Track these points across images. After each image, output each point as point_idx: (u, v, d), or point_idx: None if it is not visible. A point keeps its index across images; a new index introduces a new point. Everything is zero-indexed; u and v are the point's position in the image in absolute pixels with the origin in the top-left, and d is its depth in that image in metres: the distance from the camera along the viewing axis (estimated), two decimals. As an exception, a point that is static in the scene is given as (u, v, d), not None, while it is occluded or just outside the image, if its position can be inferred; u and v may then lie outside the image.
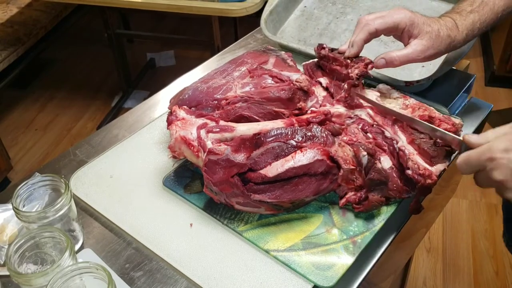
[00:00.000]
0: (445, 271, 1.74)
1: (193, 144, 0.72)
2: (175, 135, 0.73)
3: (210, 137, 0.72)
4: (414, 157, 0.71)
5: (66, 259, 0.59)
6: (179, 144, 0.73)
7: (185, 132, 0.73)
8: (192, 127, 0.74)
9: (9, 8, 2.29)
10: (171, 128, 0.75)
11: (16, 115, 2.49)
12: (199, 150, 0.71)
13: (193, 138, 0.72)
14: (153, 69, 2.76)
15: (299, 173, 0.69)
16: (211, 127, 0.73)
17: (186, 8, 1.70)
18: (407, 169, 0.70)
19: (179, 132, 0.73)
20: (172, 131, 0.74)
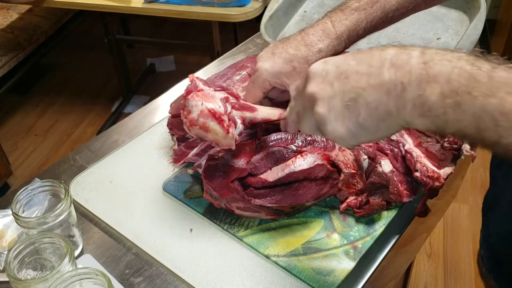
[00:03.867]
0: (446, 276, 1.73)
1: (224, 119, 0.63)
2: (201, 107, 0.63)
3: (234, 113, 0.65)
4: (422, 159, 0.71)
5: (66, 265, 0.59)
6: (205, 118, 0.64)
7: (213, 105, 0.64)
8: (215, 99, 0.65)
9: (10, 14, 2.29)
10: (192, 98, 0.65)
11: (16, 121, 2.49)
12: (230, 125, 0.64)
13: (222, 111, 0.64)
14: (153, 74, 2.76)
15: (300, 178, 0.69)
16: (233, 103, 0.66)
17: (186, 13, 1.71)
18: (415, 171, 0.70)
19: (205, 104, 0.64)
20: (195, 102, 0.64)
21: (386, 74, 0.46)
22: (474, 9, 1.04)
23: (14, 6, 2.32)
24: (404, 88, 0.45)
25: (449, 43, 1.03)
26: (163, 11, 1.73)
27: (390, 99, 0.46)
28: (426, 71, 0.44)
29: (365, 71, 0.48)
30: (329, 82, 0.50)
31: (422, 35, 1.07)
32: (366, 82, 0.47)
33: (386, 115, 0.47)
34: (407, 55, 0.46)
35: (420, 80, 0.44)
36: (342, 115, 0.49)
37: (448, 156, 0.71)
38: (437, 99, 0.43)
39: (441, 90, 0.43)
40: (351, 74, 0.49)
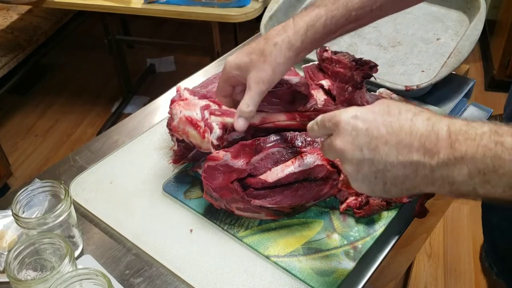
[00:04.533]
0: (446, 276, 1.73)
1: (199, 125, 0.70)
2: (179, 115, 0.71)
3: (213, 119, 0.70)
4: None
5: (66, 266, 0.59)
6: (183, 124, 0.71)
7: (189, 112, 0.71)
8: (195, 108, 0.72)
9: (10, 15, 2.29)
10: (174, 107, 0.72)
11: (16, 121, 2.49)
12: (206, 131, 0.70)
13: (198, 118, 0.71)
14: (153, 74, 2.76)
15: (299, 178, 0.69)
16: (213, 110, 0.71)
17: (185, 14, 1.71)
18: None
19: (183, 112, 0.71)
20: (176, 111, 0.72)
21: (415, 155, 0.49)
22: (473, 9, 1.04)
23: (14, 7, 2.32)
24: (432, 170, 0.49)
25: (449, 44, 1.03)
26: (163, 12, 1.73)
27: (418, 176, 0.50)
28: (453, 154, 0.47)
29: (395, 144, 0.50)
30: (359, 146, 0.52)
31: (422, 36, 1.07)
32: (395, 158, 0.50)
33: (412, 188, 0.51)
34: (435, 135, 0.48)
35: (447, 163, 0.47)
36: (369, 180, 0.53)
37: None
38: (465, 179, 0.47)
39: (469, 172, 0.47)
40: (380, 144, 0.51)
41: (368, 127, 0.51)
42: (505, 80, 2.50)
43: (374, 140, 0.51)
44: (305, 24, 0.67)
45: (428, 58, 1.00)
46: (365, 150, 0.51)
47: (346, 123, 0.53)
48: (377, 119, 0.51)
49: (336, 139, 0.54)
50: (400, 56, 1.02)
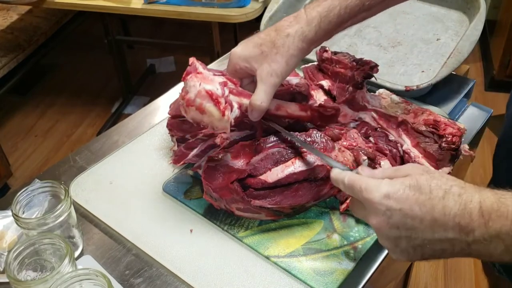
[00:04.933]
0: (446, 277, 1.73)
1: (220, 101, 0.64)
2: (199, 88, 0.65)
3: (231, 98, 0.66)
4: (420, 160, 0.71)
5: (66, 266, 0.59)
6: (202, 98, 0.65)
7: (210, 86, 0.65)
8: (213, 83, 0.66)
9: (9, 15, 2.29)
10: (191, 79, 0.66)
11: (16, 121, 2.49)
12: (226, 108, 0.65)
13: (219, 94, 0.65)
14: (153, 75, 2.76)
15: (300, 179, 0.69)
16: (232, 88, 0.67)
17: (185, 14, 1.71)
18: None
19: (203, 85, 0.65)
20: (193, 83, 0.65)
21: (450, 232, 0.51)
22: (473, 9, 1.05)
23: (14, 7, 2.32)
24: (469, 245, 0.51)
25: (449, 44, 1.03)
26: (163, 12, 1.73)
27: (455, 249, 0.52)
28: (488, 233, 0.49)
29: (429, 223, 0.52)
30: (394, 225, 0.53)
31: (422, 36, 1.07)
32: (432, 235, 0.52)
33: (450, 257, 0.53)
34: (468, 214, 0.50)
35: (483, 240, 0.50)
36: (407, 252, 0.55)
37: (446, 156, 0.71)
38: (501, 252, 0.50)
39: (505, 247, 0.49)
40: (416, 223, 0.52)
41: (401, 207, 0.52)
42: (505, 80, 2.50)
43: (409, 220, 0.52)
44: (318, 14, 0.65)
45: (428, 58, 1.00)
46: (402, 229, 0.53)
47: (379, 203, 0.53)
48: (409, 197, 0.52)
49: (370, 217, 0.55)
50: (400, 56, 1.02)
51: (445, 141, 0.72)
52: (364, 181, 0.56)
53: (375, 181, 0.55)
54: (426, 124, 0.74)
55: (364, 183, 0.56)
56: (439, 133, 0.73)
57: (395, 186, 0.53)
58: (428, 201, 0.52)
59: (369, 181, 0.56)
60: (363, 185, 0.55)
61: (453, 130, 0.73)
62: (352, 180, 0.57)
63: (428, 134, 0.73)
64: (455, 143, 0.72)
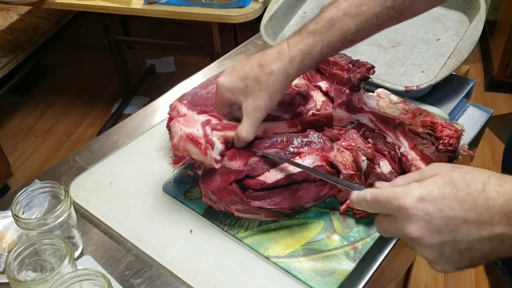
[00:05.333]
0: (447, 277, 1.73)
1: (201, 142, 0.68)
2: (180, 133, 0.69)
3: (215, 134, 0.69)
4: (417, 162, 0.71)
5: (66, 266, 0.59)
6: (184, 142, 0.69)
7: (190, 130, 0.70)
8: (195, 124, 0.70)
9: (9, 15, 2.29)
10: (173, 125, 0.70)
11: (16, 122, 2.49)
12: (207, 148, 0.68)
13: (199, 135, 0.69)
14: (153, 75, 2.76)
15: (299, 179, 0.69)
16: (214, 125, 0.70)
17: (185, 15, 1.71)
18: None
19: (184, 129, 0.70)
20: (175, 128, 0.70)
21: (498, 227, 0.47)
22: (473, 10, 1.05)
23: (14, 8, 2.32)
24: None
25: (449, 44, 1.03)
26: (163, 12, 1.73)
27: (505, 246, 0.48)
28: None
29: (474, 220, 0.48)
30: (436, 230, 0.49)
31: (422, 36, 1.07)
32: (478, 233, 0.48)
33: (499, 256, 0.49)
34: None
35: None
36: (453, 260, 0.50)
37: (443, 158, 0.71)
38: None
39: None
40: (459, 223, 0.48)
41: (440, 208, 0.48)
42: (505, 81, 2.50)
43: (451, 221, 0.48)
44: (300, 52, 0.66)
45: (428, 59, 1.00)
46: (444, 233, 0.49)
47: (414, 208, 0.49)
48: (446, 195, 0.48)
49: (407, 227, 0.50)
50: (400, 56, 1.02)
51: (442, 143, 0.71)
52: (389, 190, 0.52)
53: (402, 187, 0.51)
54: (423, 125, 0.74)
55: (390, 192, 0.51)
56: (436, 135, 0.73)
57: (427, 187, 0.49)
58: (468, 196, 0.48)
59: (394, 189, 0.52)
60: (389, 194, 0.51)
61: (450, 132, 0.73)
62: (375, 194, 0.53)
63: (425, 136, 0.73)
64: (452, 145, 0.71)
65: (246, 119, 0.68)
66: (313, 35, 0.66)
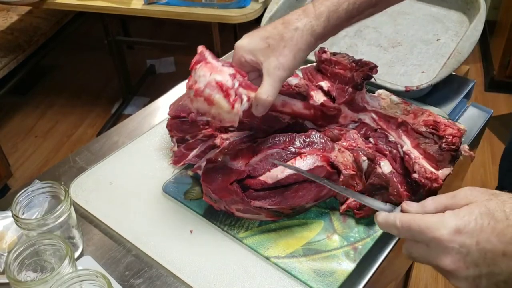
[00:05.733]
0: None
1: (231, 93, 0.62)
2: (209, 78, 0.62)
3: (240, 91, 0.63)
4: (420, 161, 0.71)
5: (66, 267, 0.59)
6: (211, 89, 0.62)
7: (222, 77, 0.63)
8: (223, 74, 0.63)
9: (10, 15, 2.29)
10: (201, 68, 0.63)
11: (16, 122, 2.49)
12: (236, 101, 0.62)
13: (230, 85, 0.62)
14: (153, 75, 2.76)
15: (299, 180, 0.69)
16: (241, 80, 0.64)
17: (186, 15, 1.71)
18: (414, 173, 0.70)
19: (214, 76, 0.62)
20: (203, 72, 0.63)
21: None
22: (473, 10, 1.05)
23: (14, 8, 2.32)
24: None
25: (449, 44, 1.03)
26: (163, 13, 1.73)
27: None
28: None
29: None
30: (473, 263, 0.47)
31: (422, 36, 1.07)
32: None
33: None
34: None
35: None
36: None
37: (446, 157, 0.71)
38: None
39: None
40: (497, 257, 0.46)
41: (478, 241, 0.47)
42: (505, 81, 2.50)
43: (489, 254, 0.46)
44: (327, 9, 0.63)
45: (428, 59, 1.00)
46: (481, 266, 0.47)
47: (450, 240, 0.47)
48: (484, 228, 0.47)
49: (442, 259, 0.49)
50: (400, 56, 1.02)
51: (445, 142, 0.71)
52: (422, 219, 0.50)
53: (436, 217, 0.49)
54: (426, 125, 0.74)
55: (423, 222, 0.50)
56: (439, 134, 0.73)
57: (463, 218, 0.47)
58: (507, 229, 0.46)
59: (429, 218, 0.50)
60: (423, 225, 0.49)
61: (453, 131, 0.72)
62: (406, 222, 0.51)
63: (428, 135, 0.73)
64: (455, 144, 0.72)
65: (267, 78, 0.62)
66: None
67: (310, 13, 0.64)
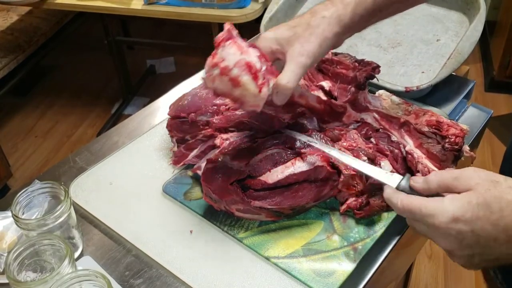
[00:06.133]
0: (447, 277, 1.73)
1: (259, 76, 0.59)
2: (239, 57, 0.59)
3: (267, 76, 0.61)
4: (423, 160, 0.71)
5: (66, 267, 0.59)
6: (240, 69, 0.59)
7: (251, 58, 0.60)
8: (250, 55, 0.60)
9: (10, 16, 2.29)
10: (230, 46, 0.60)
11: (16, 122, 2.49)
12: (264, 84, 0.60)
13: (259, 68, 0.60)
14: (153, 75, 2.76)
15: (300, 180, 0.69)
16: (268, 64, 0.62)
17: (186, 15, 1.71)
18: (417, 172, 0.70)
19: (244, 56, 0.59)
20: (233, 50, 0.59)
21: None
22: (473, 10, 1.04)
23: (14, 8, 2.32)
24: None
25: (449, 45, 1.03)
26: (163, 13, 1.73)
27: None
28: None
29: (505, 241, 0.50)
30: (467, 246, 0.52)
31: (422, 37, 1.07)
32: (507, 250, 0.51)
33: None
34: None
35: None
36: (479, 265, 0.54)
37: (449, 156, 0.71)
38: None
39: None
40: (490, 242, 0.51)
41: (473, 229, 0.51)
42: (505, 81, 2.50)
43: (482, 240, 0.51)
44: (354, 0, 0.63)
45: (428, 59, 1.00)
46: (475, 247, 0.52)
47: (447, 228, 0.51)
48: (480, 217, 0.50)
49: (440, 241, 0.54)
50: (400, 57, 1.02)
51: (448, 141, 0.72)
52: (423, 204, 0.53)
53: (435, 202, 0.52)
54: (429, 125, 0.74)
55: (424, 207, 0.53)
56: (442, 134, 0.73)
57: (462, 207, 0.51)
58: (501, 219, 0.50)
59: (429, 203, 0.53)
60: (423, 210, 0.53)
61: (456, 131, 0.72)
62: (407, 204, 0.55)
63: (431, 135, 0.73)
64: (458, 144, 0.72)
65: (289, 64, 0.61)
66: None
67: (337, 3, 0.64)
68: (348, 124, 0.79)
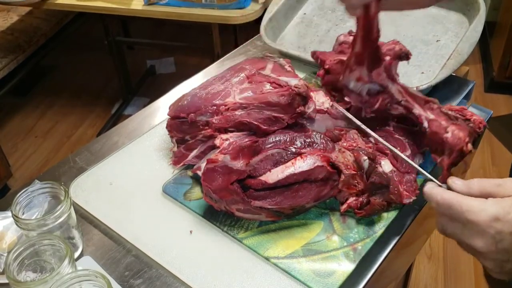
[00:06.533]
0: (446, 278, 1.73)
1: None
2: None
3: None
4: (451, 126, 0.72)
5: (66, 267, 0.59)
6: None
7: None
8: None
9: (10, 16, 2.29)
10: None
11: (16, 122, 2.49)
12: None
13: None
14: (153, 76, 2.76)
15: (300, 180, 0.69)
16: None
17: (186, 16, 1.71)
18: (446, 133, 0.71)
19: None
20: None
21: None
22: (473, 11, 1.05)
23: (15, 8, 2.32)
24: None
25: (449, 45, 1.03)
26: (163, 13, 1.73)
27: None
28: None
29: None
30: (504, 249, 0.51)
31: (421, 37, 1.07)
32: None
33: None
34: None
35: None
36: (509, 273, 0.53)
37: (473, 134, 0.72)
38: None
39: None
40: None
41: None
42: (504, 82, 2.51)
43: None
44: None
45: (428, 60, 1.00)
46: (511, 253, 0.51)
47: (488, 226, 0.50)
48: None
49: (476, 240, 0.52)
50: (400, 57, 1.02)
51: (473, 122, 0.72)
52: (464, 201, 0.53)
53: (478, 201, 0.52)
54: (452, 110, 0.75)
55: (465, 204, 0.52)
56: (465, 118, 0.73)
57: (504, 207, 0.50)
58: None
59: (471, 201, 0.52)
60: (464, 206, 0.52)
61: (478, 118, 0.73)
62: (448, 199, 0.54)
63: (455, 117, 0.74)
64: (481, 128, 0.73)
65: None
66: None
67: None
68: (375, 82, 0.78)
